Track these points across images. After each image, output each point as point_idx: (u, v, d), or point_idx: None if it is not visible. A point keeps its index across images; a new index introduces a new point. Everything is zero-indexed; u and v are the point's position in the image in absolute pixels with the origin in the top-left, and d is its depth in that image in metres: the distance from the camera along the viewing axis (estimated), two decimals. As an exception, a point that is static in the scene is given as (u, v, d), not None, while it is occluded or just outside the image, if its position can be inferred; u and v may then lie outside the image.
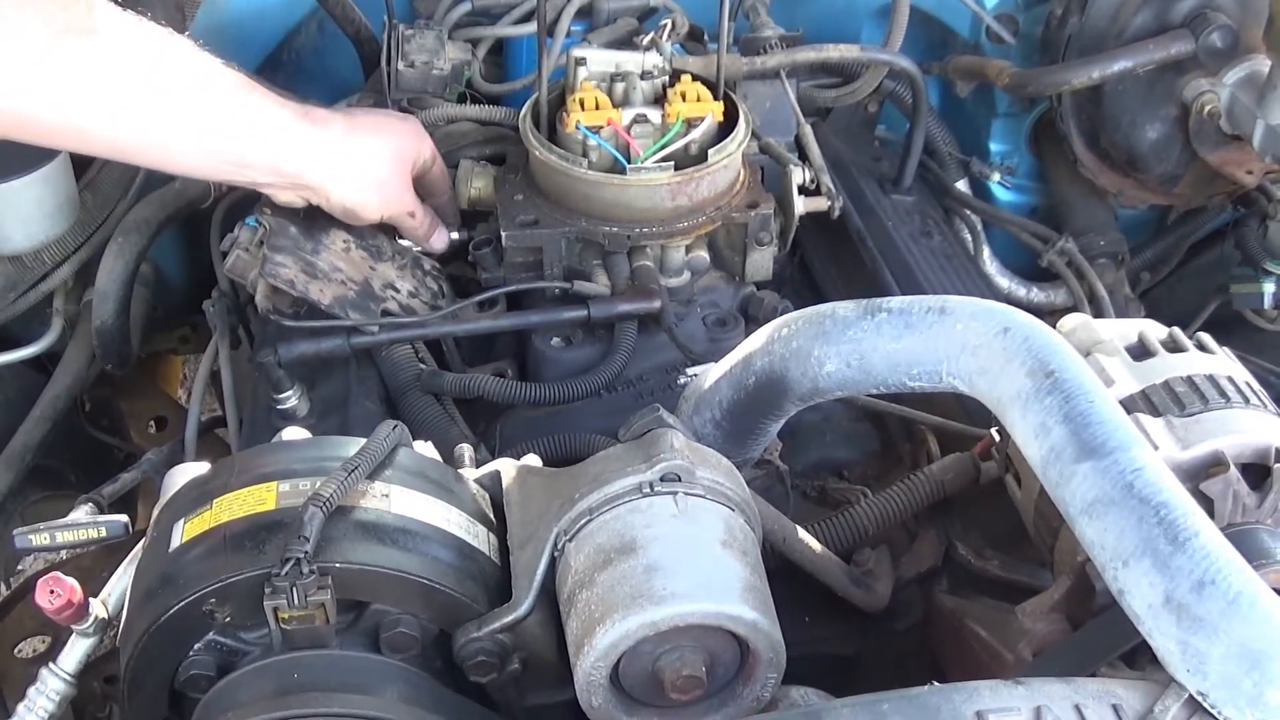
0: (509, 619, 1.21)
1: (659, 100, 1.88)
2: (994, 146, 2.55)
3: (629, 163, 1.81)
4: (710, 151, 1.82)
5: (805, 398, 1.42)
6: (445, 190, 1.93)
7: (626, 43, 2.05)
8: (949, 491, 1.57)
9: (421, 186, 1.86)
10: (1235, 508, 1.24)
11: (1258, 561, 1.15)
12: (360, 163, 1.75)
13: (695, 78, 1.90)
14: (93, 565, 2.03)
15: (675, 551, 1.17)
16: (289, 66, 2.42)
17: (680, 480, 1.23)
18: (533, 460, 1.43)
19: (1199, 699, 1.05)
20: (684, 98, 1.85)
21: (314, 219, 1.78)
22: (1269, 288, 2.34)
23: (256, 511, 1.21)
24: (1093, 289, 2.35)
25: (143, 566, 1.26)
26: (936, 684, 1.10)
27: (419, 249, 1.91)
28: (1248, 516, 1.24)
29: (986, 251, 2.51)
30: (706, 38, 2.15)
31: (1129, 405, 1.29)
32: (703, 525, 1.21)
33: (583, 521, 1.23)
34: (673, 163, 1.81)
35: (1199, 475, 1.24)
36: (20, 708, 1.30)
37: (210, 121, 1.61)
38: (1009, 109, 2.51)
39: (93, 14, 1.49)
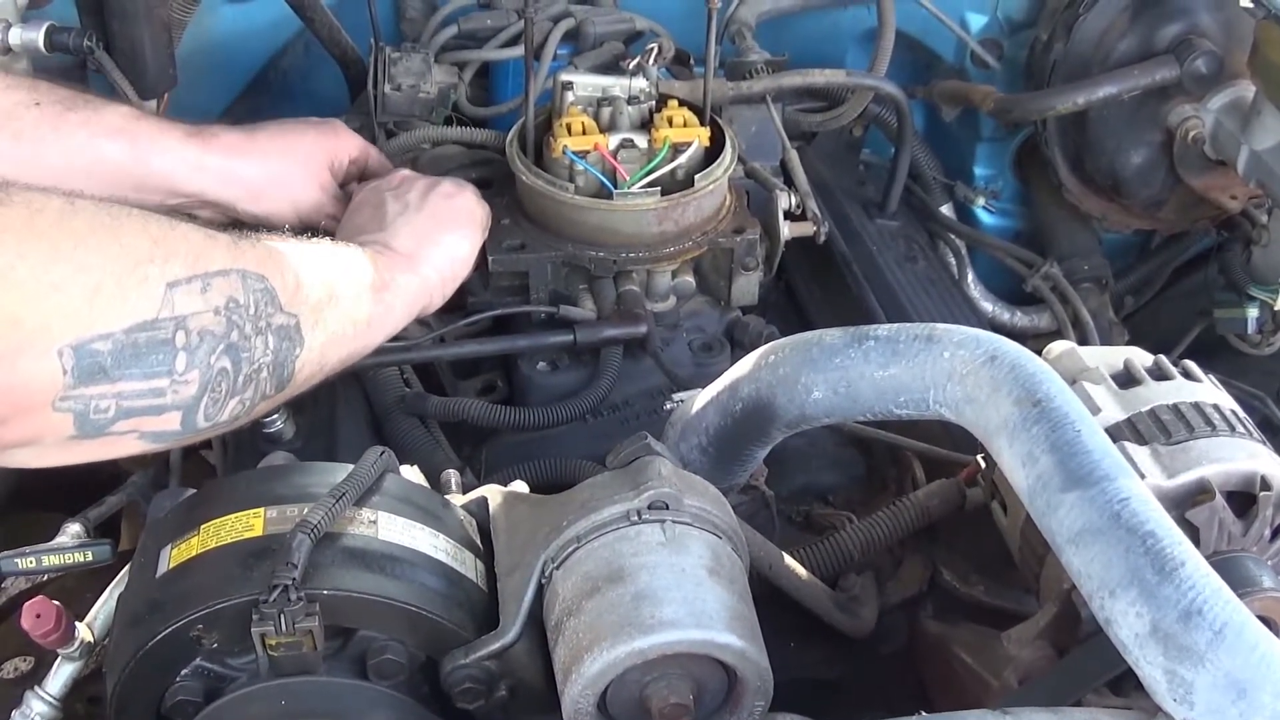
0: (496, 646, 1.20)
1: (645, 125, 1.88)
2: (978, 171, 2.57)
3: (615, 187, 1.81)
4: (697, 176, 1.83)
5: (792, 424, 1.42)
6: None
7: (613, 67, 2.04)
8: (934, 517, 1.57)
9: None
10: (1221, 535, 1.24)
11: (1243, 589, 1.16)
12: (260, 170, 1.73)
13: (682, 102, 1.90)
14: (76, 586, 2.01)
15: (663, 580, 1.17)
16: (275, 88, 2.42)
17: (668, 508, 1.22)
18: (519, 486, 1.42)
19: (1185, 728, 1.06)
20: (670, 122, 1.86)
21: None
22: (1252, 312, 2.35)
23: (244, 538, 1.20)
24: (1077, 313, 2.37)
25: (129, 592, 1.26)
26: (925, 714, 1.10)
27: None
28: (1233, 544, 1.25)
29: (971, 276, 2.52)
30: (693, 62, 2.16)
31: (1115, 433, 1.29)
32: (690, 553, 1.20)
33: (570, 549, 1.22)
34: (659, 188, 1.81)
35: (1185, 503, 1.24)
36: (3, 730, 1.30)
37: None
38: (993, 133, 2.53)
39: None
